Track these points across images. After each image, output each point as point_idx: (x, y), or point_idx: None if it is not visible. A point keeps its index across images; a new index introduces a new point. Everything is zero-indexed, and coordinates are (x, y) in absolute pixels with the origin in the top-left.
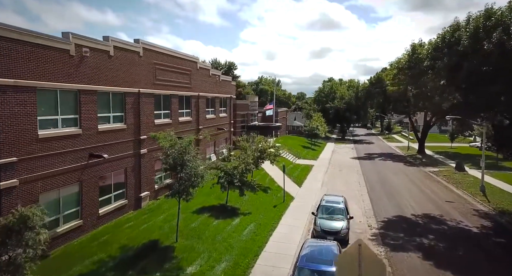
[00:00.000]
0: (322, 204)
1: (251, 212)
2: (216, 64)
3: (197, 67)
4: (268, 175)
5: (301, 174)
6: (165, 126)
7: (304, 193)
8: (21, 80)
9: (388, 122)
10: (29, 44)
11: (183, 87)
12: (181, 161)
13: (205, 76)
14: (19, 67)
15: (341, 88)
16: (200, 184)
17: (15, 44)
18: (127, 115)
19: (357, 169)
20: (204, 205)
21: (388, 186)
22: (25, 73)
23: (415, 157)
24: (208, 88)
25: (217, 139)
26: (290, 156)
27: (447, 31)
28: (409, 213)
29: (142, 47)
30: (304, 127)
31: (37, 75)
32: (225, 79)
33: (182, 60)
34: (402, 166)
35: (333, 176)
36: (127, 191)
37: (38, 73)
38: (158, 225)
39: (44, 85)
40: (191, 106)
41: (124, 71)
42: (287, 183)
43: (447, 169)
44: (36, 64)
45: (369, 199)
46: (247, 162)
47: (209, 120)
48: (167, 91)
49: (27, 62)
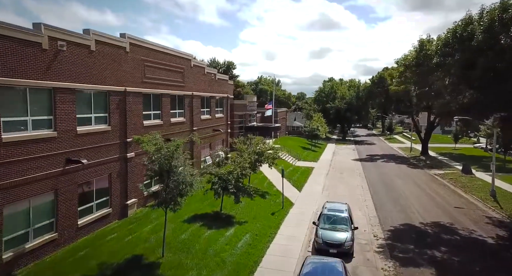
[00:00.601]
0: (324, 213)
1: (247, 221)
2: (215, 64)
3: (190, 65)
4: (266, 179)
5: (301, 177)
6: (155, 128)
7: (305, 198)
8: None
9: (390, 122)
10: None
11: (176, 86)
12: (168, 167)
13: (199, 74)
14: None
15: (341, 88)
16: (190, 193)
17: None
18: (112, 116)
19: (359, 172)
20: (197, 213)
21: (392, 190)
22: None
23: (418, 158)
24: (203, 87)
25: (213, 141)
26: (289, 157)
27: (459, 26)
28: (417, 221)
29: (129, 42)
30: (304, 128)
31: (1, 70)
32: (221, 78)
33: (174, 57)
34: (405, 168)
35: (334, 179)
36: (111, 199)
37: (2, 68)
38: (144, 237)
39: (8, 82)
40: (184, 107)
41: (108, 68)
42: (286, 187)
43: (453, 172)
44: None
45: (373, 205)
46: (243, 166)
47: (204, 121)
48: (158, 90)
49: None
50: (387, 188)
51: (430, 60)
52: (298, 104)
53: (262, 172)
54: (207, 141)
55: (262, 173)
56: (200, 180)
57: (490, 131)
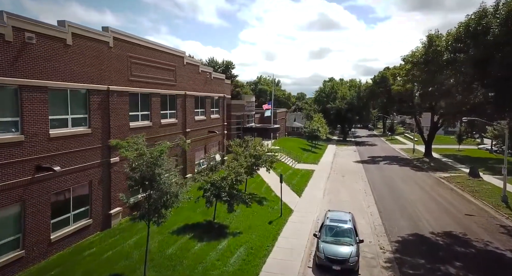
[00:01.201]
0: (326, 224)
1: (242, 231)
2: (213, 64)
3: (183, 63)
4: (264, 183)
5: (301, 180)
6: (143, 130)
7: (305, 204)
8: None
9: (391, 123)
10: None
11: (167, 85)
12: (150, 175)
13: (193, 73)
14: None
15: (342, 88)
16: (175, 204)
17: None
18: (93, 117)
19: (362, 175)
20: (187, 223)
21: (397, 195)
22: None
23: (422, 160)
24: (197, 86)
25: (208, 143)
26: (289, 160)
27: (472, 19)
28: (427, 230)
29: (113, 36)
30: (304, 128)
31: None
32: (217, 77)
33: (165, 54)
34: (409, 171)
35: (336, 183)
36: (92, 208)
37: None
38: (126, 252)
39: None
40: (176, 107)
41: (88, 65)
42: (286, 192)
43: (460, 175)
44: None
45: (377, 212)
46: (237, 171)
47: (199, 122)
48: (146, 89)
49: None
50: (391, 193)
51: (440, 57)
52: (298, 104)
53: (260, 176)
54: (202, 143)
55: (260, 176)
56: (187, 190)
57: (498, 132)
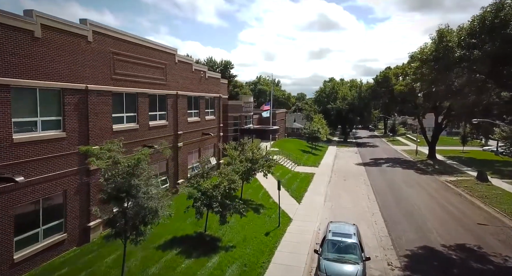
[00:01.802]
0: (328, 238)
1: (236, 245)
2: (212, 63)
3: (175, 61)
4: (262, 188)
5: (301, 185)
6: (129, 133)
7: (304, 211)
8: None
9: (393, 124)
10: None
11: (156, 84)
12: (126, 187)
13: (186, 71)
14: None
15: (343, 88)
16: (155, 220)
17: None
18: (68, 120)
19: (364, 178)
20: (176, 235)
21: (402, 201)
22: None
23: (426, 162)
24: (191, 86)
25: (202, 146)
26: (288, 162)
27: (488, 12)
28: (437, 242)
29: (92, 30)
30: (304, 130)
31: None
32: (212, 76)
33: (154, 51)
34: (413, 174)
35: (337, 188)
36: (67, 222)
37: None
38: (102, 272)
39: None
40: (167, 108)
41: (61, 61)
42: (284, 197)
43: (467, 178)
44: None
45: (383, 220)
46: (231, 178)
47: (192, 124)
48: (132, 88)
49: None
50: (396, 198)
51: (452, 53)
52: (298, 105)
53: (257, 180)
54: (196, 145)
55: (257, 181)
56: (169, 204)
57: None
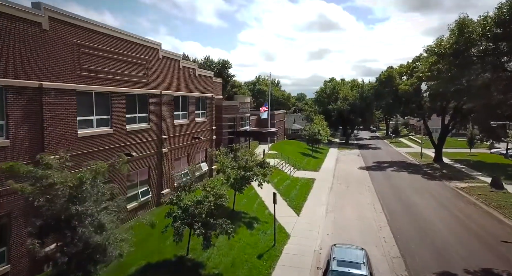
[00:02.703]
0: (333, 268)
1: (222, 272)
2: (209, 63)
3: (158, 56)
4: (257, 197)
5: (300, 193)
6: (100, 139)
7: (304, 225)
8: None
9: (395, 125)
10: None
11: (135, 82)
12: (67, 215)
13: (172, 69)
14: None
15: (344, 88)
16: (108, 260)
17: None
18: (13, 124)
19: (368, 185)
20: (150, 261)
21: (412, 212)
22: None
23: (432, 166)
24: (177, 84)
25: (191, 150)
26: (287, 167)
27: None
28: (459, 267)
29: (48, 16)
30: (304, 131)
31: None
32: (203, 74)
33: (132, 44)
34: (421, 180)
35: (340, 196)
36: (9, 250)
37: None
38: None
39: None
40: (148, 109)
41: (5, 52)
42: (281, 209)
43: (479, 185)
44: None
45: (392, 237)
46: (217, 193)
47: (179, 127)
48: (105, 87)
49: None
50: (405, 209)
51: (474, 46)
52: (298, 105)
53: (253, 187)
54: (184, 151)
55: (253, 188)
56: (128, 238)
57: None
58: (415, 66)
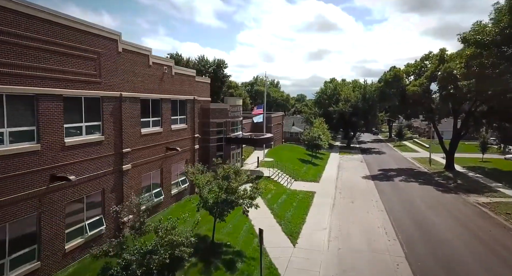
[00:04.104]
0: None
1: None
2: (204, 62)
3: (116, 49)
4: (246, 220)
5: (298, 212)
6: (19, 159)
7: (302, 262)
8: None
9: (399, 127)
10: None
11: (80, 82)
12: None
13: (137, 65)
14: None
15: (346, 89)
16: None
17: None
18: None
19: (376, 199)
20: None
21: (433, 241)
22: None
23: (444, 175)
24: (147, 85)
25: (166, 164)
26: (284, 177)
27: None
28: None
29: None
30: (303, 136)
31: None
32: (182, 72)
33: (76, 32)
34: (434, 192)
35: (344, 215)
36: None
37: None
38: None
39: None
40: (102, 116)
41: None
42: (274, 236)
43: (504, 200)
44: None
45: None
46: (173, 240)
47: (149, 136)
48: (26, 87)
49: None
50: (423, 235)
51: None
52: (297, 106)
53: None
54: (155, 165)
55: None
56: None
57: None
58: (423, 65)
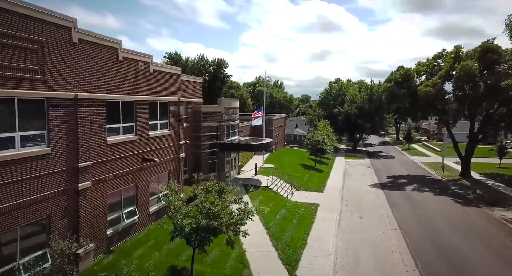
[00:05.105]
0: None
1: None
2: (204, 62)
3: (70, 39)
4: (238, 242)
5: (298, 231)
6: None
7: None
8: None
9: (408, 129)
10: None
11: (14, 79)
12: None
13: (101, 60)
14: None
15: (351, 90)
16: None
17: None
18: None
19: (387, 214)
20: None
21: (461, 271)
22: None
23: (461, 183)
24: (115, 84)
25: (141, 178)
26: (284, 187)
27: None
28: None
29: None
30: (306, 140)
31: None
32: (164, 70)
33: (7, 14)
34: (454, 206)
35: (352, 236)
36: None
37: None
38: None
39: None
40: (48, 123)
41: None
42: (268, 266)
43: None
44: None
45: None
46: None
47: (118, 146)
48: None
49: None
50: (448, 264)
51: None
52: (302, 107)
53: None
54: (127, 180)
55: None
56: None
57: None
58: (435, 64)
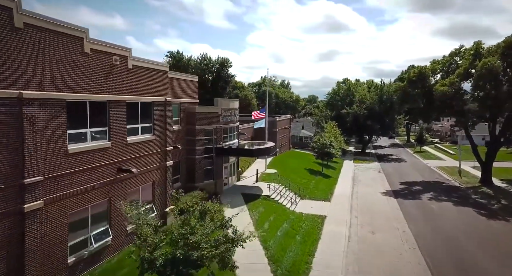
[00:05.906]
0: None
1: None
2: (207, 61)
3: (12, 24)
4: (227, 273)
5: (302, 251)
6: None
7: None
8: None
9: (420, 131)
10: None
11: None
12: None
13: (59, 52)
14: None
15: (360, 90)
16: None
17: None
18: None
19: (403, 228)
20: None
21: None
22: None
23: (482, 191)
24: (79, 81)
25: (117, 192)
26: (288, 195)
27: None
28: None
29: None
30: (312, 143)
31: None
32: (145, 66)
33: None
34: (478, 219)
35: (363, 257)
36: None
37: None
38: None
39: None
40: None
41: None
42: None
43: None
44: None
45: None
46: None
47: (84, 155)
48: None
49: None
50: None
51: None
52: (308, 108)
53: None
54: (96, 195)
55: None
56: None
57: None
58: (452, 61)
